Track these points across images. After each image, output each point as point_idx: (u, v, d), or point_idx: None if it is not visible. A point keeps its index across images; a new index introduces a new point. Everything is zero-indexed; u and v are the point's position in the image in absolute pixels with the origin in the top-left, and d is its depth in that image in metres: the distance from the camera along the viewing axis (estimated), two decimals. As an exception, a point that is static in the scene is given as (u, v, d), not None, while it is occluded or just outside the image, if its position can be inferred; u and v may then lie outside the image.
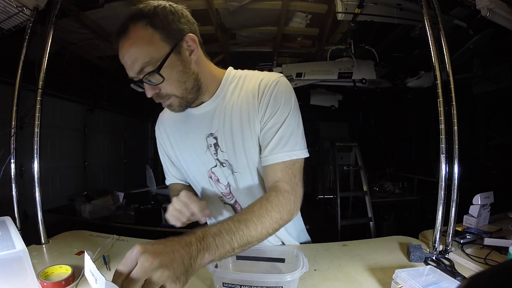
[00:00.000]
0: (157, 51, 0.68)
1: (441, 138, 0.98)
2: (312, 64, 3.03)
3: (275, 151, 0.75)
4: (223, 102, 0.82)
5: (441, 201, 0.97)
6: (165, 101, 0.76)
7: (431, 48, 1.01)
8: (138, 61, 0.67)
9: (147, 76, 0.69)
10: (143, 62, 0.67)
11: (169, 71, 0.70)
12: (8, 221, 0.89)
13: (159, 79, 0.70)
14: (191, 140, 0.87)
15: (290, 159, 0.74)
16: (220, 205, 0.92)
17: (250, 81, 0.83)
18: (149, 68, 0.68)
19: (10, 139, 1.07)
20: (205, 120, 0.84)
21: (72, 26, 2.21)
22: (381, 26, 2.35)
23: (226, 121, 0.81)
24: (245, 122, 0.79)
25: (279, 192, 0.70)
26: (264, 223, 0.64)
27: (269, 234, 0.66)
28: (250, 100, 0.79)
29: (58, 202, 3.11)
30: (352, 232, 3.37)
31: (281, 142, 0.75)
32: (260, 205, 0.67)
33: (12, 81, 1.10)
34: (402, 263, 0.87)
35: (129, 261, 0.48)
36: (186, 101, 0.77)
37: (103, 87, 3.75)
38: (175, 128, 0.92)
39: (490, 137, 3.53)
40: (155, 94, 0.73)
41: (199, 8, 2.17)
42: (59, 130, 3.29)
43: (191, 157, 0.88)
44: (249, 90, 0.81)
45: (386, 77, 3.47)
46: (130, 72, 0.70)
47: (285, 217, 0.69)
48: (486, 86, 3.42)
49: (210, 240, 0.56)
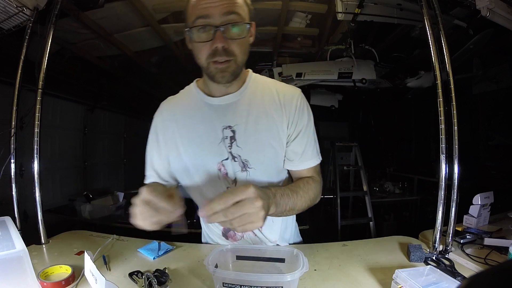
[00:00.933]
0: (246, 13, 0.77)
1: (441, 138, 0.98)
2: (312, 64, 3.02)
3: (306, 158, 0.88)
4: (246, 98, 0.86)
5: (441, 201, 0.97)
6: (224, 63, 0.76)
7: (431, 48, 1.01)
8: (232, 5, 0.73)
9: (233, 24, 0.72)
10: (235, 10, 0.73)
11: (247, 35, 0.77)
12: (8, 221, 0.89)
13: (242, 32, 0.75)
14: (205, 129, 0.86)
15: (316, 164, 0.90)
16: None
17: (271, 86, 0.89)
18: (237, 17, 0.73)
19: (10, 139, 1.07)
20: (225, 111, 0.85)
21: (72, 26, 2.21)
22: (381, 26, 2.35)
23: (250, 117, 0.84)
24: (271, 123, 0.85)
25: (314, 180, 0.87)
26: (305, 197, 0.80)
27: (304, 208, 0.81)
28: (277, 105, 0.86)
29: (58, 202, 3.11)
30: (352, 232, 3.37)
31: (311, 151, 0.88)
32: (303, 183, 0.83)
33: (12, 81, 1.10)
34: (402, 263, 0.87)
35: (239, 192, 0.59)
36: (237, 73, 0.80)
37: (103, 87, 3.75)
38: (186, 115, 0.90)
39: (490, 137, 3.53)
40: (223, 46, 0.73)
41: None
42: (59, 130, 3.28)
43: (199, 148, 0.86)
44: (273, 94, 0.87)
45: (386, 77, 3.47)
46: (216, 11, 0.72)
47: (316, 199, 0.86)
48: (486, 86, 3.42)
49: (278, 198, 0.70)
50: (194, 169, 0.88)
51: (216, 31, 0.72)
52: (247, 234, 0.93)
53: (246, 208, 0.59)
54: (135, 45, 2.69)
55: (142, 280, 0.72)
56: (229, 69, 0.77)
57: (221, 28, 0.72)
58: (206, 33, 0.73)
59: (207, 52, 0.75)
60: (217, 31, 0.72)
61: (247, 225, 0.60)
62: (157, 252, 0.92)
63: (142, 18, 2.25)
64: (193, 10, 0.75)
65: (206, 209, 0.59)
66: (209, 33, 0.73)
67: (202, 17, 0.73)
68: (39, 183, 1.06)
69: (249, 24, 0.76)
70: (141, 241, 1.01)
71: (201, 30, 0.74)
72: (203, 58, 0.77)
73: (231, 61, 0.76)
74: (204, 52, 0.75)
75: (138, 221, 0.64)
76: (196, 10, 0.74)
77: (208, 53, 0.75)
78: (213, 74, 0.78)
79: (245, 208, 0.59)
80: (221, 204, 0.58)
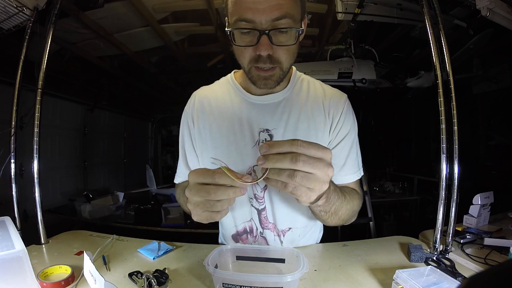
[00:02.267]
0: (298, 12, 0.65)
1: (441, 138, 0.98)
2: (312, 64, 3.02)
3: (346, 172, 0.80)
4: (289, 100, 0.79)
5: (441, 201, 0.96)
6: (269, 70, 0.67)
7: (432, 48, 1.01)
8: (283, 7, 0.61)
9: (284, 29, 0.62)
10: (287, 12, 0.61)
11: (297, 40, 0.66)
12: (8, 221, 0.89)
13: (291, 39, 0.64)
14: (240, 128, 0.78)
15: (356, 179, 0.83)
16: (247, 207, 0.85)
17: (316, 88, 0.83)
18: (288, 22, 0.62)
19: (10, 139, 1.07)
20: (264, 112, 0.78)
21: (72, 26, 2.21)
22: (381, 26, 2.36)
23: (290, 121, 0.77)
24: (312, 129, 0.78)
25: (357, 193, 0.81)
26: (349, 206, 0.72)
27: (345, 219, 0.73)
28: (320, 109, 0.79)
29: (58, 202, 3.12)
30: (352, 232, 3.36)
31: (352, 164, 0.81)
32: (348, 191, 0.75)
33: (12, 81, 1.10)
34: (402, 263, 0.87)
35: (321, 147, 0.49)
36: (281, 79, 0.72)
37: (103, 87, 3.75)
38: (221, 109, 0.81)
39: (490, 137, 3.53)
40: (268, 54, 0.64)
41: (199, 8, 2.17)
42: (59, 130, 3.29)
43: (228, 150, 0.79)
44: (317, 97, 0.80)
45: (386, 77, 3.47)
46: (263, 16, 0.60)
47: (355, 215, 0.78)
48: (486, 86, 3.42)
49: (331, 191, 0.61)
50: None
51: (262, 35, 0.62)
52: (261, 240, 0.86)
53: (319, 169, 0.47)
54: (135, 45, 2.69)
55: (141, 281, 0.71)
56: (274, 77, 0.69)
57: (267, 33, 0.62)
58: (249, 36, 0.65)
59: (250, 57, 0.67)
60: (263, 36, 0.62)
61: (302, 189, 0.49)
62: (157, 252, 0.92)
63: (142, 18, 2.25)
64: (235, 7, 0.64)
65: (271, 144, 0.48)
66: (253, 36, 0.63)
67: (245, 21, 0.62)
68: (39, 183, 1.06)
69: (300, 29, 0.65)
70: (141, 241, 1.01)
71: (245, 32, 0.64)
72: (245, 62, 0.69)
73: (275, 69, 0.68)
74: (247, 56, 0.67)
75: (202, 213, 0.54)
76: (240, 8, 0.63)
77: (250, 57, 0.67)
78: (255, 79, 0.71)
79: (317, 168, 0.47)
80: (299, 146, 0.46)
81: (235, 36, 0.66)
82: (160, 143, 5.94)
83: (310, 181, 0.48)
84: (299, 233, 0.88)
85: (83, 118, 3.77)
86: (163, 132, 5.99)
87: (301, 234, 0.89)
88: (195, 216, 0.57)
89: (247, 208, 0.85)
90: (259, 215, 0.85)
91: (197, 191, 0.51)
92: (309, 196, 0.50)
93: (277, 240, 0.87)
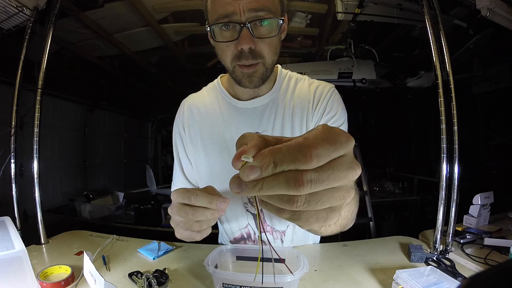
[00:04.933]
0: (277, 8, 0.66)
1: (441, 138, 0.98)
2: (312, 64, 3.02)
3: None
4: (275, 101, 0.78)
5: (441, 201, 0.96)
6: (251, 67, 0.67)
7: (432, 48, 1.01)
8: (261, 0, 0.62)
9: (262, 21, 0.62)
10: (265, 5, 0.62)
11: (278, 32, 0.66)
12: (8, 221, 0.89)
13: (271, 30, 0.63)
14: (230, 134, 0.78)
15: None
16: (242, 212, 0.85)
17: (302, 84, 0.81)
18: (267, 14, 0.62)
19: (10, 139, 1.07)
20: (252, 115, 0.78)
21: (72, 26, 2.21)
22: (381, 26, 2.35)
23: (276, 122, 0.76)
24: (296, 128, 0.76)
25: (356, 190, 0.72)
26: (353, 207, 0.64)
27: (348, 223, 0.65)
28: (305, 105, 0.77)
29: (58, 202, 3.12)
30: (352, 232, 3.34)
31: None
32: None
33: (12, 81, 1.10)
34: (402, 263, 0.87)
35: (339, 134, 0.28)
36: (266, 76, 0.71)
37: (103, 87, 3.75)
38: (210, 116, 0.81)
39: (490, 137, 3.53)
40: (250, 48, 0.63)
41: (199, 8, 2.16)
42: (59, 130, 3.29)
43: (221, 156, 0.78)
44: (302, 94, 0.78)
45: (386, 77, 3.47)
46: (241, 7, 0.61)
47: (355, 216, 0.69)
48: (486, 86, 3.42)
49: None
50: (213, 176, 0.81)
51: (242, 28, 0.62)
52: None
53: (339, 179, 0.27)
54: (135, 45, 2.69)
55: (141, 281, 0.71)
56: (257, 74, 0.68)
57: (247, 25, 0.61)
58: (230, 31, 0.64)
59: (232, 54, 0.66)
60: (243, 29, 0.62)
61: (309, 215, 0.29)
62: (156, 253, 0.92)
63: (142, 18, 2.25)
64: (214, 5, 0.65)
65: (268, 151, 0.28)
66: (234, 31, 0.63)
67: (225, 16, 0.63)
68: (39, 183, 1.06)
69: (281, 19, 0.64)
70: (141, 241, 1.01)
71: (224, 28, 0.64)
72: (227, 60, 0.68)
73: (258, 65, 0.67)
74: (228, 53, 0.66)
75: (183, 232, 0.53)
76: (218, 6, 0.63)
77: (233, 55, 0.66)
78: (239, 78, 0.70)
79: (337, 179, 0.27)
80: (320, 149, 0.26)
81: (216, 33, 0.66)
82: (160, 143, 5.94)
83: (325, 198, 0.27)
84: (297, 231, 0.88)
85: (83, 118, 3.77)
86: (163, 132, 5.98)
87: (298, 232, 0.89)
88: (177, 233, 0.57)
89: (242, 215, 0.85)
90: (255, 220, 0.84)
91: (177, 211, 0.51)
92: (324, 219, 0.30)
93: (278, 243, 0.86)
